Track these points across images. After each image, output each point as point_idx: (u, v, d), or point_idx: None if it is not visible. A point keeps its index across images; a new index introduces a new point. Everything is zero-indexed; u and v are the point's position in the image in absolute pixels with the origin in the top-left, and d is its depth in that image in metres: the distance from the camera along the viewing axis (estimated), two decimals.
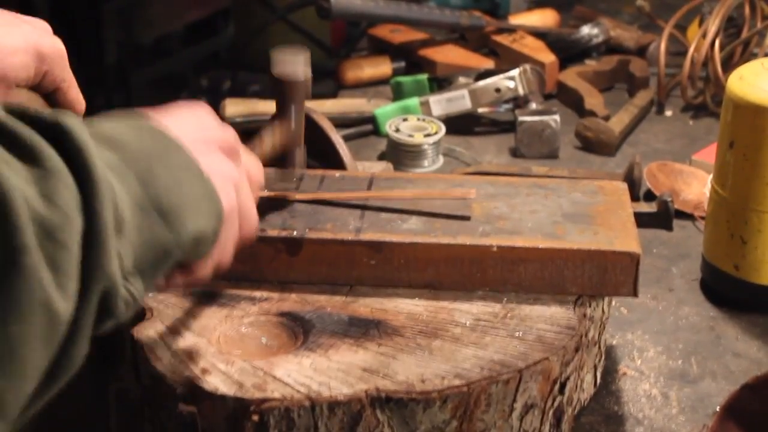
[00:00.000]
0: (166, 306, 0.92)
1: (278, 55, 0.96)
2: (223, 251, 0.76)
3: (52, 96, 0.87)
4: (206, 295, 0.94)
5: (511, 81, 1.52)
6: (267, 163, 0.92)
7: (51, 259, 0.51)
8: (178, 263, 0.70)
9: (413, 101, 1.53)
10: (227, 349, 0.87)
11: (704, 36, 1.58)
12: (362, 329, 0.90)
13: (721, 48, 1.58)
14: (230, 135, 0.78)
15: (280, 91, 0.96)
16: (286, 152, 0.99)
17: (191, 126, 0.74)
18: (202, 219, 0.69)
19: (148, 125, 0.69)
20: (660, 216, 1.22)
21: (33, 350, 0.51)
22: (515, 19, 1.87)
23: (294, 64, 0.96)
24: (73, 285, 0.53)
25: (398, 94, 1.62)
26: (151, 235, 0.63)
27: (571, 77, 1.67)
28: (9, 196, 0.49)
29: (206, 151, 0.73)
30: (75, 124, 0.57)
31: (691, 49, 1.58)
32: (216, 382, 0.82)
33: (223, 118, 1.52)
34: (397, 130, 1.44)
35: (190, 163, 0.69)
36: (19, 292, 0.49)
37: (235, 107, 1.54)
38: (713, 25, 1.58)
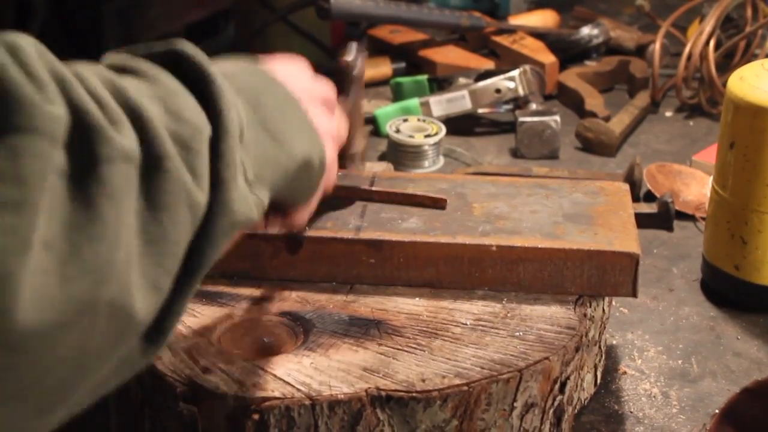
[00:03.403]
0: None
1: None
2: (315, 198, 0.81)
3: None
4: (206, 295, 0.94)
5: (511, 82, 1.52)
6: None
7: (188, 163, 0.57)
8: (282, 202, 0.74)
9: (413, 102, 1.53)
10: (227, 349, 0.87)
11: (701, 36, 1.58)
12: (363, 329, 0.90)
13: (717, 48, 1.57)
14: (328, 89, 0.81)
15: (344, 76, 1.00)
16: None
17: (294, 75, 0.77)
18: (307, 144, 0.72)
19: (255, 66, 0.72)
20: (661, 217, 1.22)
21: (180, 233, 0.56)
22: (515, 20, 1.87)
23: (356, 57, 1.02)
24: (205, 182, 0.58)
25: (398, 94, 1.62)
26: (264, 151, 0.66)
27: (572, 78, 1.67)
28: (146, 115, 0.55)
29: (308, 101, 0.76)
30: (188, 46, 0.62)
31: (686, 49, 1.58)
32: (216, 381, 0.82)
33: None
34: (398, 131, 1.44)
35: (293, 100, 0.72)
36: (165, 193, 0.55)
37: None
38: (708, 25, 1.57)
